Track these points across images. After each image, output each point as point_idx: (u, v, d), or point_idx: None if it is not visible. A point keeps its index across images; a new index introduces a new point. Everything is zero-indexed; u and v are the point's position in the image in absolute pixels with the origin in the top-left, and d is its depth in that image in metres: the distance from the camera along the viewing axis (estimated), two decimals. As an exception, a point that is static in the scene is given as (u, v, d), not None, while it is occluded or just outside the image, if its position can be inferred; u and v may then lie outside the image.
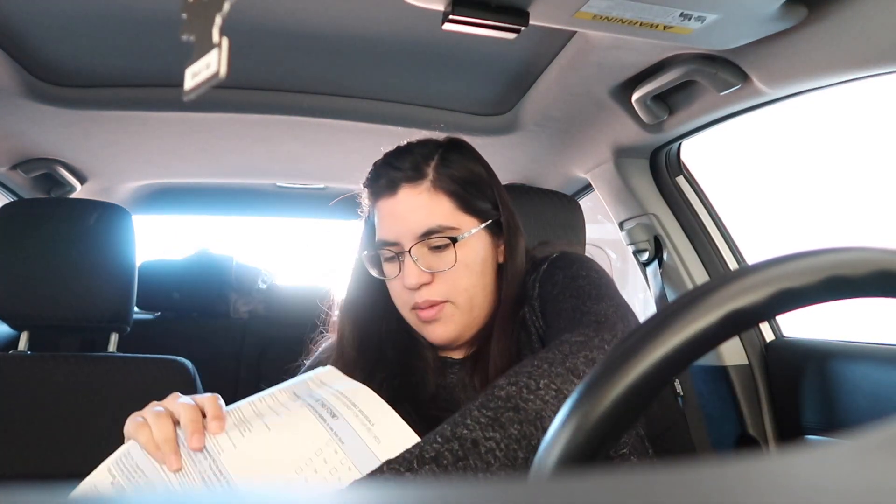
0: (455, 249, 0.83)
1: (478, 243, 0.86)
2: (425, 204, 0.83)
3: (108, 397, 1.23)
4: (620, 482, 0.17)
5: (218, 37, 0.38)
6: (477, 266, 0.86)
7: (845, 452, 0.19)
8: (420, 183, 0.84)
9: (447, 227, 0.83)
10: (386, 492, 0.16)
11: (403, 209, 0.84)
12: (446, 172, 0.85)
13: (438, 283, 0.84)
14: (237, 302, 1.98)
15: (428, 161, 0.86)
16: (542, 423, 0.60)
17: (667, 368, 0.35)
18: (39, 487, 0.15)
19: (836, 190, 4.78)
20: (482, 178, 0.89)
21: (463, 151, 0.90)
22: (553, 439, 0.35)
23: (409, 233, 0.83)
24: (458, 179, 0.85)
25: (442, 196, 0.84)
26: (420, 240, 0.83)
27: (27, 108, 1.29)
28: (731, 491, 0.16)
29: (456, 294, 0.85)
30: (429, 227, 0.83)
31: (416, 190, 0.84)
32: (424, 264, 0.83)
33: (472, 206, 0.86)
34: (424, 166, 0.85)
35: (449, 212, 0.84)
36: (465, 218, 0.85)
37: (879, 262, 0.36)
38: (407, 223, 0.83)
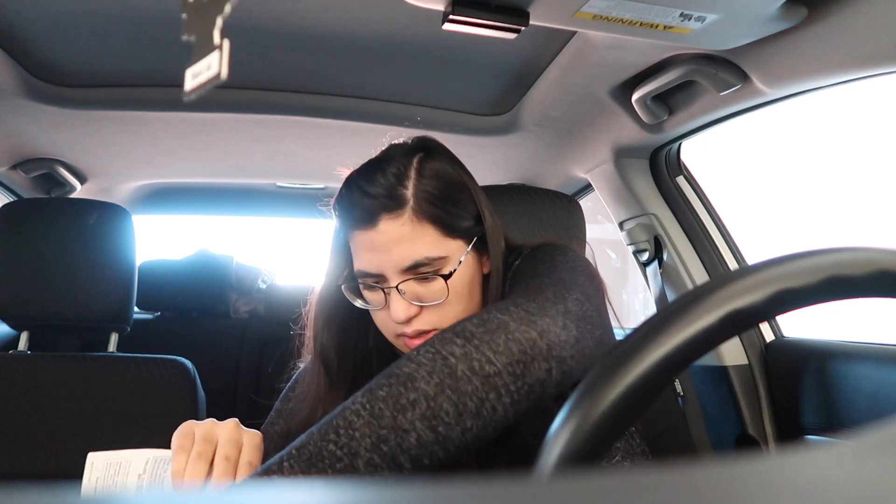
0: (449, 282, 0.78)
1: (466, 268, 0.80)
2: (409, 236, 0.77)
3: (108, 397, 1.24)
4: (621, 482, 0.17)
5: (219, 38, 0.38)
6: (465, 290, 0.80)
7: (845, 452, 0.19)
8: (401, 213, 0.77)
9: (435, 259, 0.77)
10: (384, 491, 0.16)
11: (385, 242, 0.77)
12: (426, 194, 0.78)
13: (427, 314, 0.79)
14: (237, 302, 1.98)
15: (404, 182, 0.78)
16: (412, 384, 0.59)
17: (667, 368, 0.35)
18: (39, 487, 0.15)
19: (836, 190, 4.79)
20: (462, 189, 0.82)
21: (438, 157, 0.83)
22: (553, 439, 0.35)
23: (393, 266, 0.77)
24: (439, 200, 0.79)
25: (426, 224, 0.77)
26: (406, 274, 0.77)
27: (27, 108, 1.29)
28: (731, 491, 0.16)
29: (445, 322, 0.79)
30: (414, 260, 0.77)
31: (397, 221, 0.77)
32: (412, 297, 0.78)
33: (456, 228, 0.80)
34: (402, 189, 0.78)
35: (434, 241, 0.78)
36: (451, 243, 0.79)
37: (879, 262, 0.36)
38: (390, 257, 0.77)
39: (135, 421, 1.23)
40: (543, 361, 0.62)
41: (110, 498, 0.15)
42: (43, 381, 1.23)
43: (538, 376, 0.61)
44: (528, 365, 0.61)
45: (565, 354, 0.63)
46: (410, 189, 0.78)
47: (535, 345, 0.62)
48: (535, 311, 0.65)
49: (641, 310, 5.02)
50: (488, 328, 0.62)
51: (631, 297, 5.18)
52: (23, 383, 1.22)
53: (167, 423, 1.24)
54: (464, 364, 0.59)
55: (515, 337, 0.61)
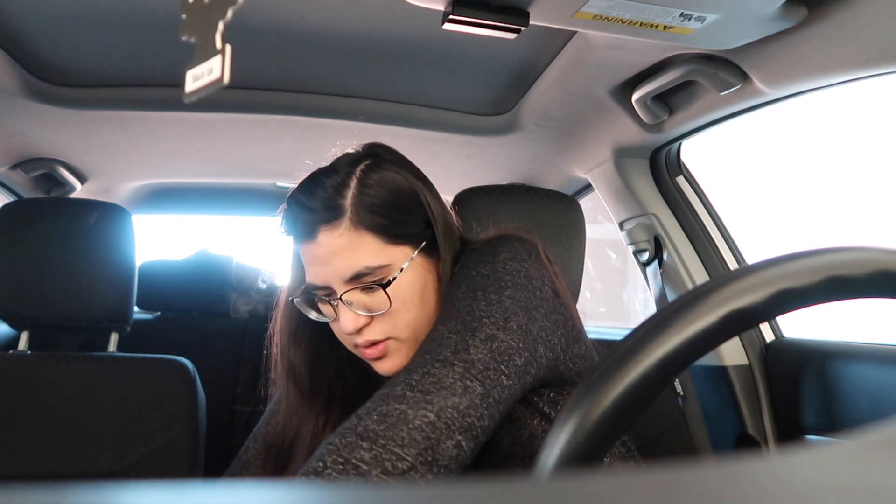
0: (388, 292, 0.76)
1: (412, 275, 0.79)
2: (347, 247, 0.76)
3: (108, 397, 1.24)
4: (620, 482, 0.17)
5: (221, 43, 0.38)
6: (416, 298, 0.79)
7: (845, 452, 0.19)
8: (338, 224, 0.76)
9: (376, 268, 0.76)
10: (385, 491, 0.16)
11: (325, 254, 0.77)
12: (366, 203, 0.77)
13: (378, 323, 0.78)
14: (237, 302, 1.98)
15: (343, 192, 0.77)
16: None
17: (667, 368, 0.35)
18: (39, 487, 0.15)
19: (836, 190, 4.78)
20: (408, 196, 0.80)
21: (383, 166, 0.81)
22: (553, 439, 0.35)
23: (336, 278, 0.77)
24: (381, 208, 0.77)
25: (364, 234, 0.76)
26: (349, 284, 0.77)
27: (27, 108, 1.29)
28: (731, 491, 0.16)
29: (398, 331, 0.78)
30: (356, 270, 0.76)
31: (335, 233, 0.76)
32: (359, 307, 0.77)
33: (401, 234, 0.78)
34: (340, 200, 0.77)
35: (375, 250, 0.77)
36: (395, 250, 0.78)
37: (879, 262, 0.36)
38: (333, 268, 0.77)
39: (135, 421, 1.23)
40: (448, 440, 0.61)
41: (110, 493, 0.15)
42: (43, 381, 1.22)
43: (450, 454, 0.60)
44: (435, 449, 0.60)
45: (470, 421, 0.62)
46: (349, 199, 0.77)
47: (435, 427, 0.61)
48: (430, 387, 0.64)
49: (641, 310, 5.01)
50: (389, 423, 0.60)
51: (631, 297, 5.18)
52: (23, 383, 1.22)
53: (167, 423, 1.25)
54: (376, 469, 0.58)
55: (416, 424, 0.60)
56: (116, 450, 1.22)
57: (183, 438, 1.24)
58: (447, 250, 0.81)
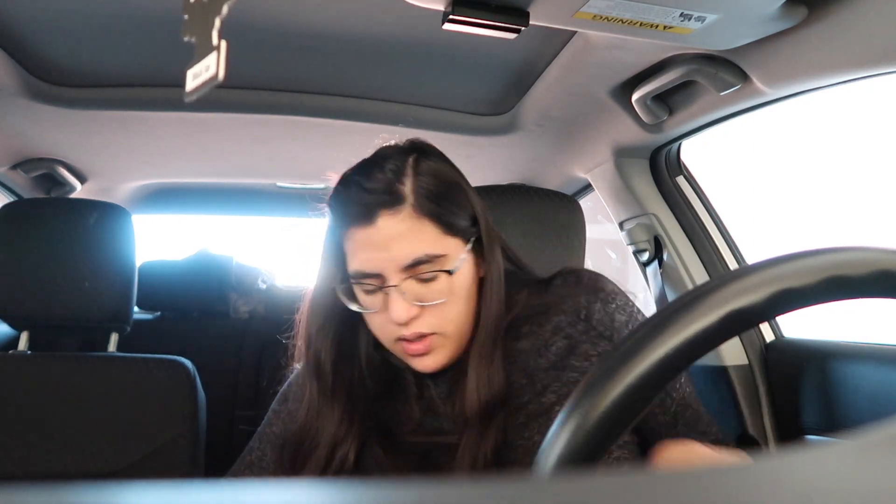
0: (450, 281, 0.76)
1: (465, 268, 0.79)
2: (407, 233, 0.75)
3: (108, 397, 1.24)
4: (620, 482, 0.17)
5: (217, 39, 0.38)
6: (464, 292, 0.79)
7: (845, 452, 0.19)
8: (400, 209, 0.75)
9: (434, 256, 0.76)
10: (385, 491, 0.16)
11: (384, 239, 0.75)
12: (424, 191, 0.77)
13: (427, 315, 0.77)
14: (237, 302, 1.98)
15: (401, 178, 0.77)
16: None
17: (667, 368, 0.35)
18: (39, 487, 0.15)
19: (836, 189, 4.78)
20: (459, 189, 0.81)
21: (434, 158, 0.82)
22: (553, 439, 0.35)
23: (393, 265, 0.75)
24: (437, 197, 0.77)
25: (425, 221, 0.76)
26: (406, 272, 0.75)
27: (27, 108, 1.29)
28: (731, 491, 0.16)
29: (445, 325, 0.78)
30: (415, 257, 0.75)
31: (396, 217, 0.75)
32: (413, 297, 0.76)
33: (455, 227, 0.78)
34: (400, 186, 0.76)
35: (434, 238, 0.76)
36: (450, 241, 0.78)
37: (879, 262, 0.36)
38: (390, 255, 0.75)
39: (135, 421, 1.23)
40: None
41: (110, 493, 0.15)
42: (43, 381, 1.22)
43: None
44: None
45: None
46: (408, 185, 0.76)
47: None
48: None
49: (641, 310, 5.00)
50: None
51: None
52: (23, 383, 1.22)
53: (167, 423, 1.25)
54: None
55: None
56: (116, 450, 1.22)
57: (183, 438, 1.24)
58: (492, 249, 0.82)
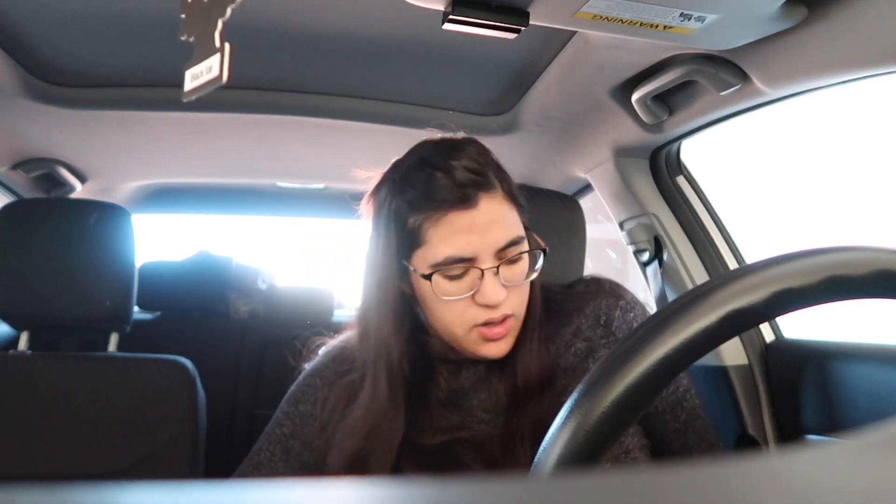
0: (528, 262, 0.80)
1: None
2: (505, 215, 0.79)
3: (108, 397, 1.23)
4: (620, 482, 0.17)
5: (220, 41, 0.38)
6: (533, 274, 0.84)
7: (845, 452, 0.19)
8: (496, 192, 0.78)
9: (521, 239, 0.80)
10: (385, 491, 0.16)
11: (485, 222, 0.76)
12: (503, 176, 0.81)
13: (511, 298, 0.79)
14: (237, 302, 1.98)
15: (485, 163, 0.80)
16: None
17: (667, 368, 0.35)
18: (39, 487, 0.15)
19: (836, 189, 4.78)
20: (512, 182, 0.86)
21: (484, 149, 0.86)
22: (553, 439, 0.35)
23: (488, 247, 0.77)
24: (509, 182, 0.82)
25: (512, 205, 0.80)
26: (501, 254, 0.78)
27: (27, 108, 1.29)
28: (731, 491, 0.16)
29: (520, 306, 0.82)
30: (510, 239, 0.78)
31: (494, 200, 0.78)
32: (504, 278, 0.78)
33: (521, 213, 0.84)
34: (488, 170, 0.79)
35: (518, 221, 0.81)
36: (522, 225, 0.83)
37: (879, 262, 0.36)
38: (488, 237, 0.76)
39: (135, 421, 1.23)
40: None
41: (110, 493, 0.15)
42: (43, 381, 1.22)
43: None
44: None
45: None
46: (492, 170, 0.80)
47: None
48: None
49: (641, 310, 5.00)
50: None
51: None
52: (23, 383, 1.22)
53: (167, 423, 1.25)
54: None
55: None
56: (116, 450, 1.22)
57: (183, 438, 1.24)
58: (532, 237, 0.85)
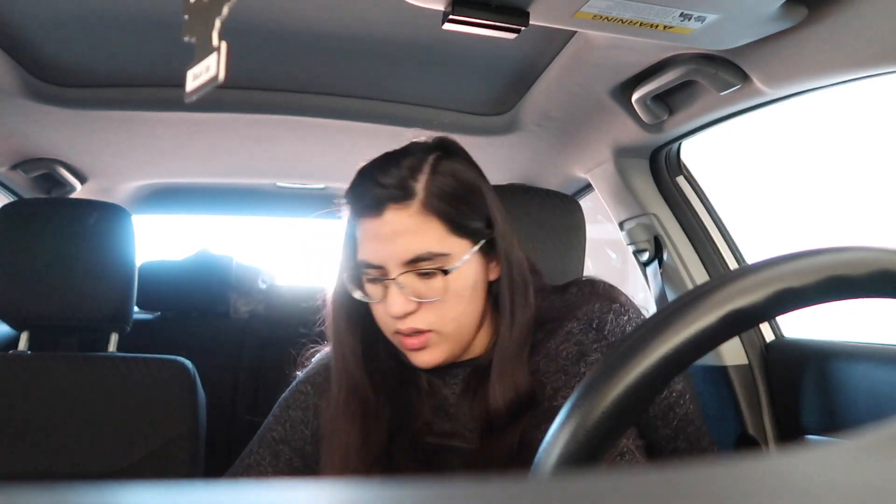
0: (446, 280, 0.77)
1: (469, 269, 0.79)
2: (414, 228, 0.76)
3: (108, 397, 1.23)
4: (620, 482, 0.17)
5: (217, 40, 0.38)
6: (466, 293, 0.79)
7: (845, 452, 0.19)
8: (409, 204, 0.76)
9: (437, 254, 0.76)
10: (385, 491, 0.16)
11: (389, 232, 0.76)
12: (437, 189, 0.77)
13: (424, 312, 0.78)
14: (237, 302, 1.98)
15: (416, 175, 0.78)
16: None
17: (667, 368, 0.35)
18: (39, 487, 0.15)
19: (836, 189, 4.78)
20: (475, 191, 0.82)
21: (455, 158, 0.83)
22: (553, 439, 0.35)
23: (395, 258, 0.76)
24: (450, 197, 0.78)
25: (432, 218, 0.77)
26: (407, 267, 0.76)
27: (27, 108, 1.29)
28: (732, 491, 0.16)
29: (443, 324, 0.78)
30: (417, 253, 0.76)
31: (404, 212, 0.76)
32: (411, 292, 0.77)
33: (464, 228, 0.79)
34: (413, 182, 0.77)
35: (439, 236, 0.77)
36: (457, 241, 0.78)
37: (879, 262, 0.36)
38: (393, 248, 0.76)
39: (135, 421, 1.23)
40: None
41: (110, 493, 0.15)
42: (43, 381, 1.22)
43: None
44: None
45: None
46: (422, 183, 0.78)
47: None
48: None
49: (641, 310, 5.00)
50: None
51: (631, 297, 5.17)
52: (23, 383, 1.22)
53: (167, 423, 1.24)
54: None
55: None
56: (116, 450, 1.22)
57: (183, 438, 1.24)
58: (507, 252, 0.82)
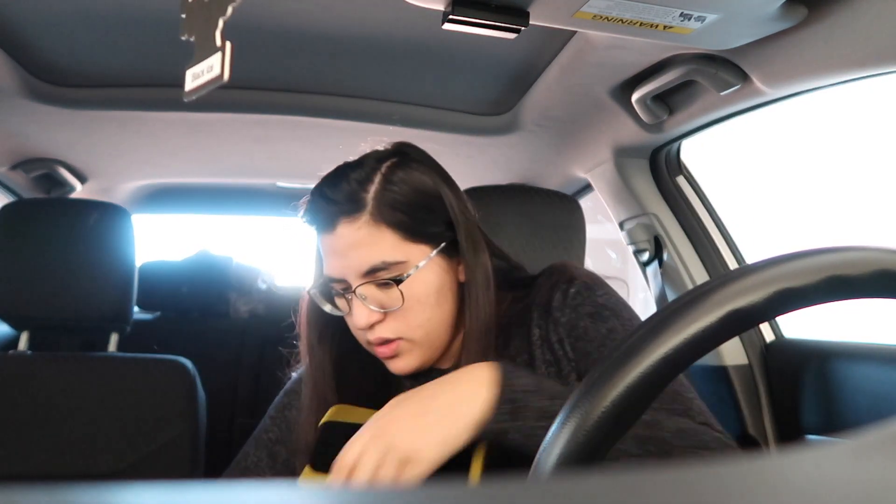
0: (401, 289, 0.76)
1: (429, 274, 0.79)
2: (366, 239, 0.76)
3: (108, 397, 1.24)
4: (620, 482, 0.17)
5: (221, 40, 0.38)
6: (431, 298, 0.79)
7: (845, 452, 0.19)
8: (358, 216, 0.77)
9: (392, 263, 0.76)
10: (385, 491, 0.16)
11: (343, 246, 0.77)
12: (388, 199, 0.77)
13: (391, 321, 0.78)
14: (237, 302, 1.98)
15: (366, 187, 0.78)
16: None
17: (667, 368, 0.35)
18: (39, 487, 0.15)
19: (836, 189, 4.78)
20: (431, 195, 0.80)
21: (410, 165, 0.82)
22: (553, 439, 0.35)
23: (352, 271, 0.77)
24: (403, 205, 0.78)
25: (384, 229, 0.77)
26: (365, 278, 0.77)
27: (27, 108, 1.29)
28: (732, 491, 0.16)
29: (410, 331, 0.78)
30: (371, 264, 0.76)
31: (354, 225, 0.77)
32: (374, 302, 0.77)
33: (421, 232, 0.79)
34: (363, 194, 0.77)
35: (393, 245, 0.77)
36: (413, 248, 0.78)
37: (879, 262, 0.36)
38: (349, 261, 0.77)
39: (135, 421, 1.23)
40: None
41: (110, 493, 0.15)
42: (43, 381, 1.22)
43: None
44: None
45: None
46: (371, 193, 0.78)
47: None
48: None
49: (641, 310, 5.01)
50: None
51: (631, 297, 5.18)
52: (23, 383, 1.22)
53: (167, 423, 1.25)
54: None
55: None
56: (116, 450, 1.22)
57: (183, 438, 1.24)
58: (472, 253, 0.81)
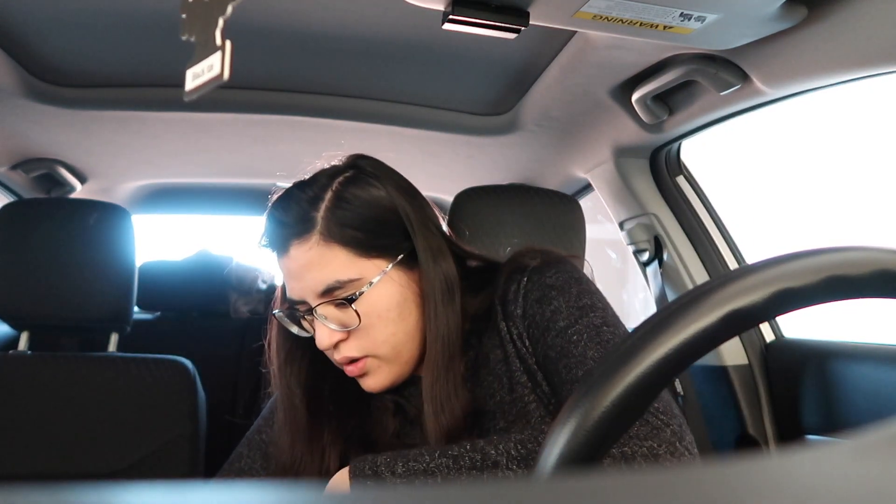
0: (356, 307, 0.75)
1: (388, 288, 0.77)
2: (317, 260, 0.75)
3: (108, 397, 1.24)
4: (621, 482, 0.17)
5: (221, 39, 0.38)
6: (392, 312, 0.77)
7: (845, 452, 0.19)
8: (308, 237, 0.76)
9: (346, 281, 0.75)
10: (385, 492, 0.16)
11: (297, 268, 0.76)
12: (339, 216, 0.76)
13: (354, 339, 0.77)
14: (237, 302, 1.98)
15: (317, 205, 0.77)
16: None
17: (667, 368, 0.35)
18: (39, 487, 0.15)
19: (836, 189, 4.79)
20: (385, 209, 0.79)
21: (362, 178, 0.80)
22: (553, 439, 0.35)
23: (309, 292, 0.76)
24: (354, 221, 0.76)
25: (335, 247, 0.75)
26: (323, 298, 0.76)
27: (27, 108, 1.29)
28: (732, 491, 0.16)
29: (375, 347, 0.77)
30: (326, 284, 0.75)
31: (305, 246, 0.76)
32: (334, 322, 0.76)
33: (374, 247, 0.77)
34: (313, 213, 0.76)
35: (345, 263, 0.75)
36: (367, 263, 0.76)
37: (879, 262, 0.36)
38: (304, 283, 0.76)
39: (135, 421, 1.23)
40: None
41: (110, 493, 0.15)
42: (43, 381, 1.22)
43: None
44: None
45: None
46: (321, 212, 0.77)
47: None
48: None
49: (641, 310, 5.01)
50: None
51: (631, 297, 5.17)
52: (23, 383, 1.22)
53: (167, 423, 1.25)
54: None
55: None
56: (116, 450, 1.22)
57: (183, 438, 1.24)
58: (428, 262, 0.78)
